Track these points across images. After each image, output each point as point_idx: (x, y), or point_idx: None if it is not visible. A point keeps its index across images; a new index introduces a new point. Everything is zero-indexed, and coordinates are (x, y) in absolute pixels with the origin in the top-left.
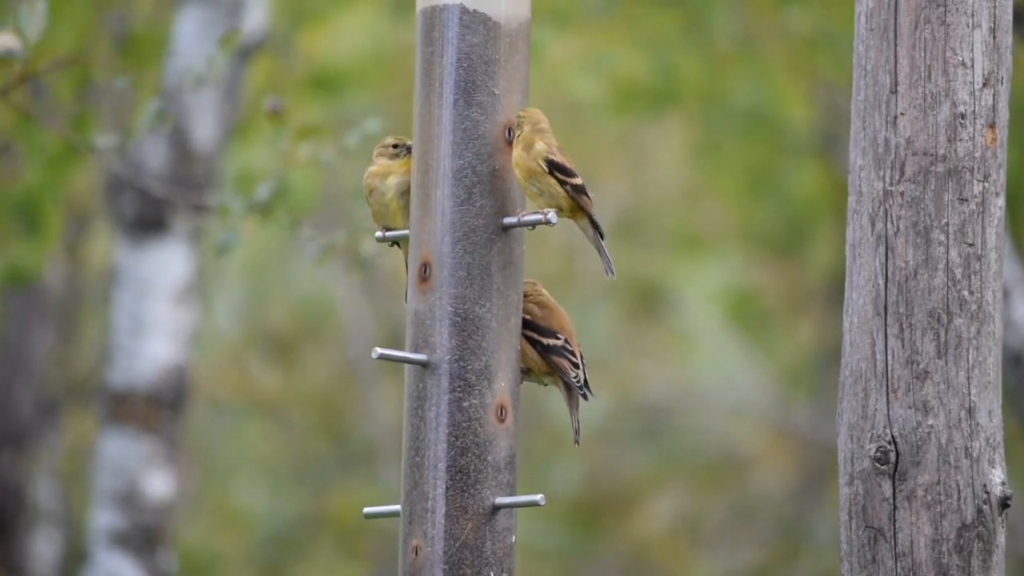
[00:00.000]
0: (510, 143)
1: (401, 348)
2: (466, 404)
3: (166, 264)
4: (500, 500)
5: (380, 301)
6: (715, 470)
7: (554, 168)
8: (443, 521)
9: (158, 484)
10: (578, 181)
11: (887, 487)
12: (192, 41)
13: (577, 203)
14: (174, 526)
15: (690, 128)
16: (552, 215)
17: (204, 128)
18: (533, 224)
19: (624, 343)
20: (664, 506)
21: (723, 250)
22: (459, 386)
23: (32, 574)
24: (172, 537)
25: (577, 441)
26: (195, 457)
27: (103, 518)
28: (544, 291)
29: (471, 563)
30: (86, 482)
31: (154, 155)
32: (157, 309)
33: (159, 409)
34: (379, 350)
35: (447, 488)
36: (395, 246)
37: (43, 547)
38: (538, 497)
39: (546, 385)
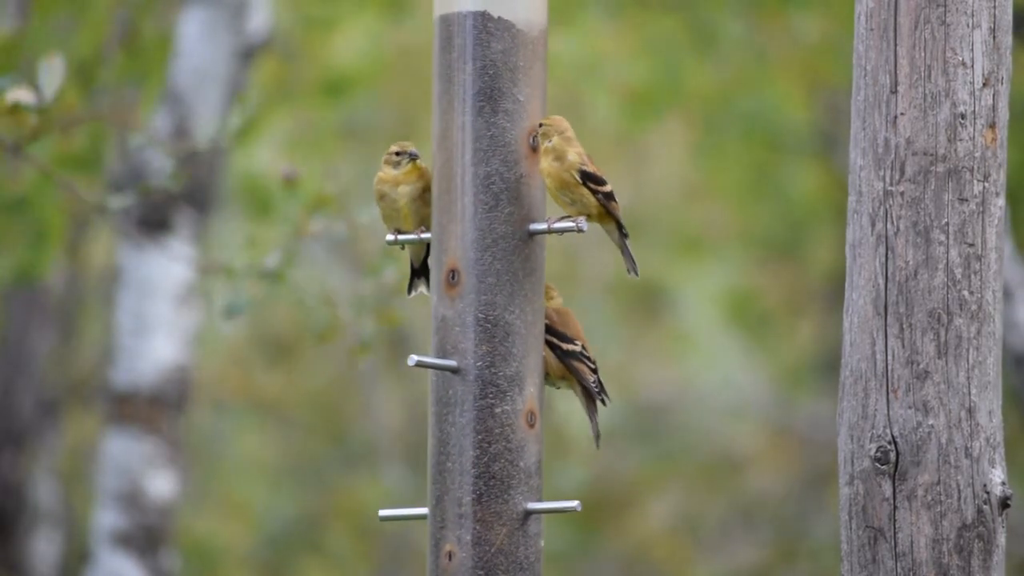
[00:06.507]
0: (533, 149)
1: (402, 349)
2: (499, 410)
3: (169, 264)
4: (533, 506)
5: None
6: (714, 470)
7: (587, 179)
8: (477, 527)
9: (161, 484)
10: (608, 188)
11: (887, 487)
12: (196, 42)
13: (607, 210)
14: (177, 525)
15: (690, 128)
16: (583, 222)
17: (208, 129)
18: (563, 231)
19: (624, 344)
20: (663, 506)
21: (723, 251)
22: (491, 392)
23: (32, 574)
24: (175, 537)
25: (598, 445)
26: (196, 458)
27: (106, 518)
28: (559, 296)
29: (505, 568)
30: (86, 482)
31: (157, 156)
32: (160, 309)
33: (162, 409)
34: (415, 357)
35: (481, 494)
36: (403, 249)
37: (43, 547)
38: (574, 504)
39: (559, 388)
